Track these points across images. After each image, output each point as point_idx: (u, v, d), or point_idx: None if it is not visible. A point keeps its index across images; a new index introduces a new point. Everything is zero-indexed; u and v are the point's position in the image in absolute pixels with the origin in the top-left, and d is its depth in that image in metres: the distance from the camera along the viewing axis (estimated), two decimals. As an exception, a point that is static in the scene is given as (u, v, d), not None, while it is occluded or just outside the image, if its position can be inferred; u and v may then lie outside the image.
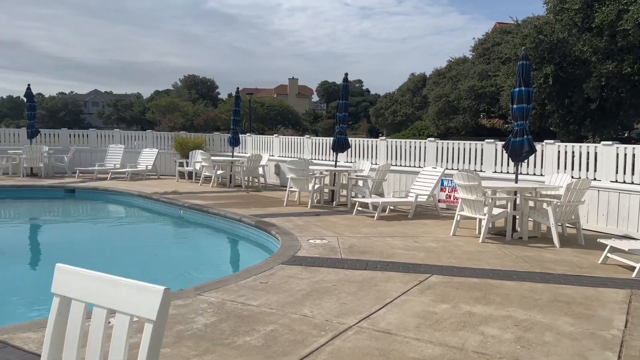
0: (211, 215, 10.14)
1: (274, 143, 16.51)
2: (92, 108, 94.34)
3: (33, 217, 12.12)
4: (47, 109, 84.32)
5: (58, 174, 16.97)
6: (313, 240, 7.63)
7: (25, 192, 13.65)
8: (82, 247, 8.97)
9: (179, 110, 50.93)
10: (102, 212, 12.97)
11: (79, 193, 13.69)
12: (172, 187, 14.11)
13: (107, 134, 18.96)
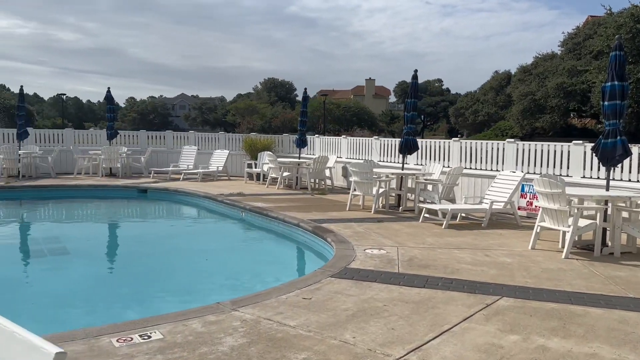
0: (270, 219, 9.84)
1: (341, 144, 16.04)
2: (179, 111, 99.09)
3: (101, 217, 12.53)
4: (138, 111, 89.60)
5: (135, 174, 17.58)
6: (370, 250, 7.04)
7: (101, 191, 14.17)
8: (137, 248, 9.01)
9: (257, 113, 51.99)
10: (168, 213, 13.16)
11: (151, 193, 14.00)
12: (239, 188, 14.05)
13: (182, 135, 19.42)
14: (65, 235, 9.87)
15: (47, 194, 13.71)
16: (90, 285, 6.60)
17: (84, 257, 8.09)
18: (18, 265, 7.60)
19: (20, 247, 8.86)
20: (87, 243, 9.19)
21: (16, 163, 15.67)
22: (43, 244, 8.92)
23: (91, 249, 8.76)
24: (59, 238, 9.49)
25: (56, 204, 13.34)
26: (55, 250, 8.47)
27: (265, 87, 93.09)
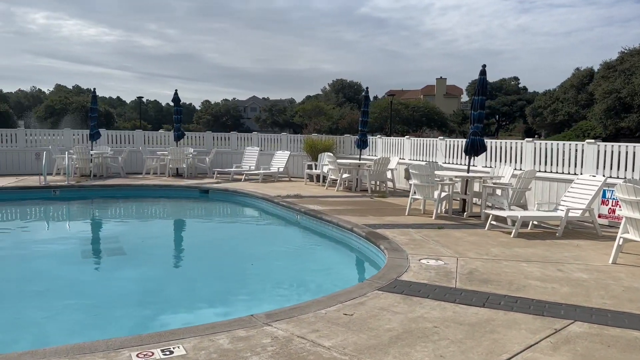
0: (324, 222, 9.47)
1: (404, 145, 15.39)
2: (250, 113, 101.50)
3: (159, 217, 12.72)
4: (212, 114, 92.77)
5: (200, 174, 17.86)
6: (426, 261, 6.47)
7: (165, 191, 14.43)
8: (187, 250, 8.97)
9: (323, 114, 51.97)
10: (225, 214, 13.15)
11: (212, 194, 14.08)
12: (298, 190, 13.81)
13: (246, 136, 19.53)
14: (123, 235, 10.03)
15: (113, 193, 14.16)
16: (133, 288, 6.52)
17: (134, 258, 8.10)
18: (71, 265, 7.71)
19: (78, 245, 9.00)
20: (141, 244, 9.25)
21: (88, 163, 16.35)
22: (100, 243, 9.10)
23: (143, 250, 8.78)
24: (117, 237, 9.65)
25: (119, 203, 13.74)
26: (110, 250, 8.58)
27: (334, 88, 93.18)
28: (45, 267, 7.47)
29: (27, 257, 8.14)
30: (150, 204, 13.87)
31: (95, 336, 4.19)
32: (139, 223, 11.79)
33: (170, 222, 12.13)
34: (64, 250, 8.69)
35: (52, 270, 7.35)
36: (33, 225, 11.25)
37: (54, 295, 6.22)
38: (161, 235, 10.31)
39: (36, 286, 6.54)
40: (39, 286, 6.55)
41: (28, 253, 8.47)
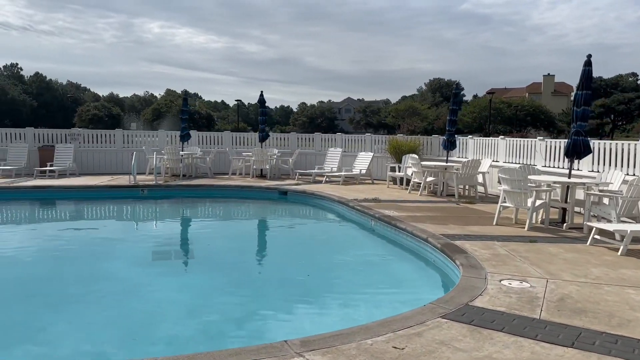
0: (398, 230, 8.69)
1: (498, 146, 14.04)
2: (344, 114, 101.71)
3: (233, 218, 12.67)
4: (307, 116, 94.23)
5: (284, 175, 17.73)
6: (507, 282, 5.51)
7: (245, 192, 14.39)
8: (247, 255, 8.63)
9: (418, 114, 50.37)
10: (298, 217, 12.78)
11: (290, 196, 13.80)
12: (378, 193, 13.09)
13: (330, 137, 19.12)
14: (194, 237, 9.96)
15: (196, 193, 14.38)
16: (182, 297, 6.23)
17: (196, 263, 7.92)
18: (129, 266, 7.65)
19: (145, 246, 8.98)
20: (206, 248, 9.05)
21: (178, 163, 16.83)
22: (168, 244, 9.02)
23: (206, 254, 8.59)
24: (188, 240, 9.57)
25: (199, 203, 13.94)
26: (176, 253, 8.47)
27: (430, 87, 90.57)
28: (106, 268, 7.49)
29: (90, 257, 8.28)
30: (227, 205, 13.91)
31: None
32: (211, 224, 11.81)
33: (242, 224, 11.95)
34: (129, 250, 8.77)
35: (111, 270, 7.35)
36: (111, 223, 11.65)
37: (106, 299, 6.12)
38: (228, 238, 10.10)
39: (94, 288, 6.51)
40: (95, 288, 6.52)
41: (94, 251, 8.64)
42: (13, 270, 7.33)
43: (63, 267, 7.56)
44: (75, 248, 8.97)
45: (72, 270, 7.38)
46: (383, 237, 9.18)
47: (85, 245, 9.21)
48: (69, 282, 6.79)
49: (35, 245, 9.16)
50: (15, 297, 6.11)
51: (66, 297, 6.13)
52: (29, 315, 5.51)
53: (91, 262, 7.84)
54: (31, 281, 6.78)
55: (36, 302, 5.92)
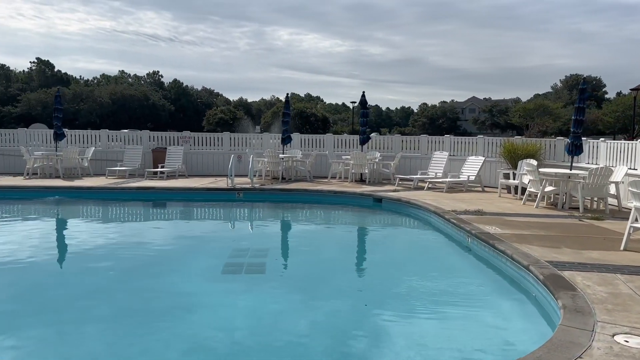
0: (497, 252, 7.31)
1: (637, 151, 11.68)
2: (468, 115, 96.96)
3: (316, 227, 11.90)
4: (428, 116, 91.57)
5: (385, 180, 16.73)
6: (624, 339, 4.07)
7: (339, 198, 13.65)
8: (313, 268, 7.82)
9: (549, 114, 45.87)
10: (387, 228, 11.71)
11: (385, 203, 12.78)
12: (485, 204, 11.56)
13: (436, 139, 17.68)
14: (274, 248, 9.36)
15: (290, 197, 13.96)
16: (258, 315, 5.62)
17: (263, 279, 7.27)
18: (203, 282, 7.25)
19: (221, 257, 8.50)
20: (274, 262, 8.40)
21: (278, 166, 16.64)
22: (244, 256, 8.48)
23: (277, 265, 7.96)
24: (264, 251, 8.95)
25: (288, 209, 13.50)
26: (249, 266, 7.91)
27: (566, 84, 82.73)
28: (177, 277, 7.19)
29: (163, 262, 8.08)
30: (315, 211, 13.34)
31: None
32: (292, 231, 11.28)
33: (324, 232, 11.05)
34: (200, 254, 8.45)
35: (175, 280, 7.03)
36: (198, 225, 11.66)
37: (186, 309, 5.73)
38: (303, 249, 9.41)
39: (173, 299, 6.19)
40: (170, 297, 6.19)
41: (170, 255, 8.45)
42: (103, 264, 7.36)
43: (136, 270, 7.44)
44: (151, 250, 8.90)
45: (144, 276, 7.21)
46: (478, 259, 7.85)
47: (163, 247, 9.14)
48: (145, 291, 6.58)
49: (108, 244, 9.27)
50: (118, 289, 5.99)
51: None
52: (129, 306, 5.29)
53: (164, 269, 7.63)
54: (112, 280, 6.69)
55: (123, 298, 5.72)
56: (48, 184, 14.61)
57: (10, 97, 76.19)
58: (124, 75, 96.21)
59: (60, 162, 16.59)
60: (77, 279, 7.18)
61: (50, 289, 6.68)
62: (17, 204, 13.38)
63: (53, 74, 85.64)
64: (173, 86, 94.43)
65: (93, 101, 75.40)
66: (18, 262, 7.81)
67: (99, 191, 13.86)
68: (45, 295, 6.41)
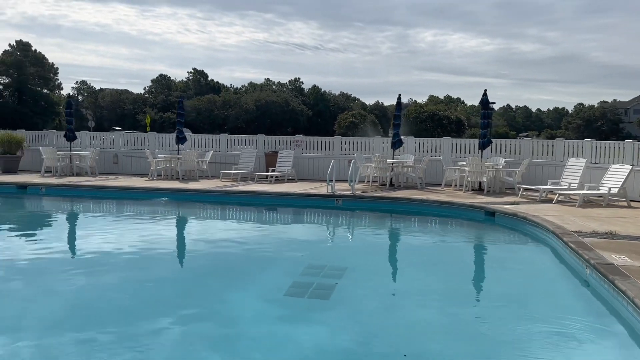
0: (617, 292, 5.55)
1: None
2: (633, 116, 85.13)
3: (407, 239, 10.62)
4: (583, 118, 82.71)
5: (508, 189, 14.75)
6: None
7: (445, 209, 12.17)
8: (393, 299, 6.59)
9: None
10: (494, 249, 9.99)
11: (498, 218, 11.04)
12: (624, 224, 9.35)
13: (574, 144, 15.17)
14: (352, 267, 8.35)
15: (391, 207, 12.85)
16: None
17: (327, 307, 6.35)
18: (258, 303, 6.61)
19: (292, 273, 7.72)
20: (346, 285, 7.38)
21: (386, 172, 15.59)
22: (317, 274, 7.55)
23: (345, 294, 6.96)
24: (339, 271, 7.99)
25: (383, 219, 12.59)
26: (316, 288, 7.07)
27: None
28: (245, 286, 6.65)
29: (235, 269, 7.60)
30: (413, 223, 12.18)
31: None
32: (376, 248, 9.91)
33: (412, 252, 9.53)
34: (271, 267, 7.82)
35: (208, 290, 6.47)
36: (279, 233, 11.07)
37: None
38: (382, 272, 8.21)
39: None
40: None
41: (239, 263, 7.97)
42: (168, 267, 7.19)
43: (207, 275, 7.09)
44: (216, 258, 8.53)
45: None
46: (598, 298, 6.10)
47: (230, 256, 8.72)
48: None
49: (177, 247, 9.09)
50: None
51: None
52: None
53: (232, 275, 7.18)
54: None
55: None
56: (162, 185, 15.31)
57: (170, 104, 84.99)
58: (269, 82, 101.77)
59: (179, 165, 17.42)
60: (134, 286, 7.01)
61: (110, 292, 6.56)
62: (125, 204, 14.14)
63: (206, 82, 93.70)
64: (312, 92, 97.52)
65: (239, 107, 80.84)
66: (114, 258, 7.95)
67: (203, 194, 14.14)
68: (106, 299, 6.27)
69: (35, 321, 5.52)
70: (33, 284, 6.88)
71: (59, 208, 14.47)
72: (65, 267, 7.85)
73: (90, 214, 13.49)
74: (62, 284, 6.87)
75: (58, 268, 7.71)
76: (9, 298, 6.30)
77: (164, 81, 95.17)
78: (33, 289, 6.66)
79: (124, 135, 20.41)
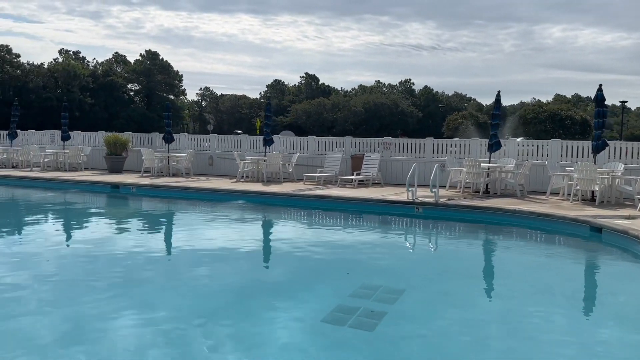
0: None
1: None
2: None
3: (482, 259, 9.00)
4: None
5: (628, 200, 12.49)
6: None
7: (540, 222, 10.44)
8: (453, 339, 5.41)
9: None
10: (590, 274, 8.19)
11: (605, 235, 9.19)
12: None
13: None
14: (411, 289, 7.30)
15: (473, 217, 11.36)
16: None
17: (372, 340, 5.45)
18: (289, 330, 5.88)
19: (339, 294, 6.80)
20: (398, 312, 6.31)
21: (480, 177, 14.03)
22: (369, 297, 6.58)
23: (395, 324, 5.93)
24: (396, 293, 6.95)
25: (464, 233, 11.05)
26: (362, 315, 6.19)
27: None
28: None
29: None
30: (498, 238, 10.69)
31: None
32: (446, 267, 8.47)
33: (486, 274, 8.17)
34: (317, 285, 7.01)
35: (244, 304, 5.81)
36: (338, 245, 9.96)
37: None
38: (446, 296, 7.00)
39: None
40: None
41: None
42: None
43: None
44: (257, 271, 7.92)
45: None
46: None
47: (274, 268, 8.06)
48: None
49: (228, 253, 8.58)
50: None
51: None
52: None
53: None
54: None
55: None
56: (241, 187, 15.15)
57: (282, 108, 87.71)
58: (379, 84, 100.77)
59: (265, 167, 17.30)
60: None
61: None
62: (199, 205, 14.24)
63: (317, 86, 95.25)
64: (423, 93, 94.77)
65: (348, 110, 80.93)
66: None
67: (279, 197, 13.75)
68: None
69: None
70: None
71: (140, 207, 14.93)
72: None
73: (163, 213, 13.74)
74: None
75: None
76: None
77: (278, 86, 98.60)
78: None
79: (219, 138, 20.86)
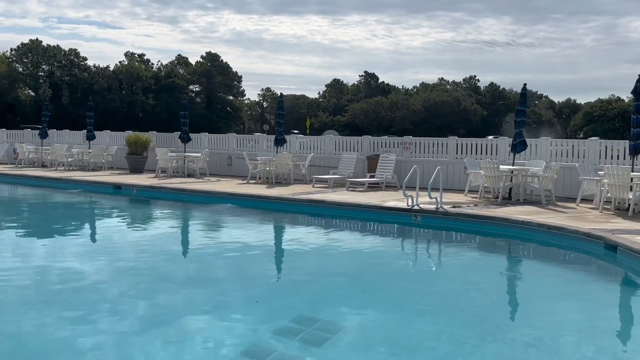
0: None
1: None
2: None
3: (464, 282, 7.53)
4: None
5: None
6: None
7: (552, 236, 8.78)
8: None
9: None
10: (598, 305, 6.49)
11: (620, 255, 7.52)
12: None
13: None
14: (349, 330, 6.15)
15: (476, 227, 9.88)
16: None
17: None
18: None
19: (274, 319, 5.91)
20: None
21: (498, 182, 12.39)
22: (293, 333, 5.63)
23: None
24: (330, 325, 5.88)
25: (453, 247, 9.75)
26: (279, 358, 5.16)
27: None
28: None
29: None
30: (496, 257, 9.05)
31: None
32: (417, 290, 7.30)
33: (450, 305, 6.75)
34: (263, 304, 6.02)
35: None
36: (302, 259, 8.78)
37: None
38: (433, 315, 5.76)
39: None
40: None
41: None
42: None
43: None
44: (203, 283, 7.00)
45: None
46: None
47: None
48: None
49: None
50: None
51: None
52: None
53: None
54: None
55: None
56: (234, 190, 14.07)
57: (340, 107, 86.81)
58: (442, 82, 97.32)
59: (274, 168, 16.47)
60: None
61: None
62: (182, 208, 13.68)
63: (377, 85, 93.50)
64: (489, 90, 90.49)
65: (407, 109, 78.68)
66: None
67: (271, 201, 12.82)
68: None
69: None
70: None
71: (124, 210, 14.29)
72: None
73: (132, 217, 13.15)
74: None
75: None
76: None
77: (337, 85, 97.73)
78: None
79: (237, 137, 20.29)
